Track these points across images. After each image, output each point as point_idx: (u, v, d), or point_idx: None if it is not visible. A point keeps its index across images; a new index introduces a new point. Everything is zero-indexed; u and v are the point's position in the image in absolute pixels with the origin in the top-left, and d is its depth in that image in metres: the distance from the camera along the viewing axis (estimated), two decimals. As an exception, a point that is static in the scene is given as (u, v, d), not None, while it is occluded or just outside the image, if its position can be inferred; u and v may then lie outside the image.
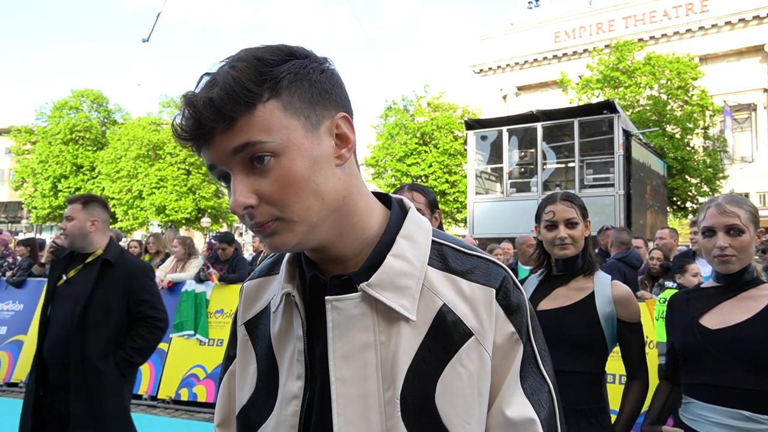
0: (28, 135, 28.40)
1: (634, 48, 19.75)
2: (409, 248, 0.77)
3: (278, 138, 0.68)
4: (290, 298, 0.80)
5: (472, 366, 0.74)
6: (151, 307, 2.71)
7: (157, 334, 2.72)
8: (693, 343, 1.72)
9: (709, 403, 1.66)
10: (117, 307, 2.64)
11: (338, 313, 0.74)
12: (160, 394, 5.59)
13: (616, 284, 1.94)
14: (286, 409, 0.78)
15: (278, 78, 0.68)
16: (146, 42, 27.74)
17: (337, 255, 0.77)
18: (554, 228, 1.96)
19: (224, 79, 0.66)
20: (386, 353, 0.73)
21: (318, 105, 0.72)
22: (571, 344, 1.85)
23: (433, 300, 0.75)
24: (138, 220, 25.73)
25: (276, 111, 0.68)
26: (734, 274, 1.73)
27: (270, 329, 0.83)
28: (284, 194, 0.69)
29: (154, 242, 7.35)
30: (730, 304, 1.72)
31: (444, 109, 23.37)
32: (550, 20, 32.16)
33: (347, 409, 0.73)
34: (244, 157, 0.68)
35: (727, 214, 1.70)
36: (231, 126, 0.67)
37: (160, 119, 26.60)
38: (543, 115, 11.91)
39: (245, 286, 0.93)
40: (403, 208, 0.83)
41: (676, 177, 18.28)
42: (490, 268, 0.79)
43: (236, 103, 0.66)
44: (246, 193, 0.69)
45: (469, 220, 12.83)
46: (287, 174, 0.69)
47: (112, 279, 2.63)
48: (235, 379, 0.88)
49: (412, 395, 0.72)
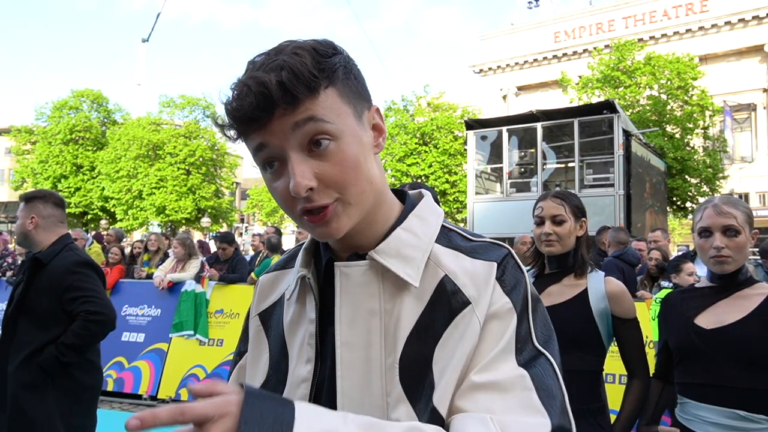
0: (28, 135, 28.37)
1: (634, 48, 19.75)
2: (419, 224, 0.81)
3: (338, 122, 0.72)
4: (305, 281, 0.83)
5: (467, 332, 0.74)
6: (84, 302, 2.44)
7: (91, 328, 2.43)
8: (688, 342, 1.73)
9: (705, 403, 1.66)
10: (47, 310, 2.41)
11: (346, 279, 0.78)
12: (160, 394, 5.59)
13: (609, 280, 1.94)
14: (294, 393, 0.79)
15: (334, 68, 0.72)
16: (146, 42, 27.80)
17: (359, 243, 0.80)
18: (542, 224, 1.99)
19: (291, 65, 0.69)
20: (389, 321, 0.76)
21: (360, 97, 0.77)
22: (567, 341, 1.84)
23: (436, 272, 0.78)
24: (138, 220, 25.71)
25: (335, 97, 0.72)
26: (729, 274, 1.74)
27: (283, 319, 0.86)
28: (346, 177, 0.72)
29: (155, 240, 7.33)
30: (725, 303, 1.73)
31: (444, 109, 23.36)
32: (550, 20, 32.16)
33: (351, 373, 0.75)
34: (304, 138, 0.70)
35: (724, 214, 1.71)
36: (296, 106, 0.69)
37: (160, 119, 26.58)
38: (543, 115, 11.90)
39: (261, 280, 0.96)
40: (420, 195, 0.88)
41: (676, 177, 18.28)
42: (495, 248, 0.81)
43: (304, 86, 0.69)
44: (308, 175, 0.70)
45: (469, 220, 12.82)
46: (347, 157, 0.72)
47: (40, 279, 2.44)
48: (246, 373, 0.90)
49: (411, 361, 0.74)
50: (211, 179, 26.92)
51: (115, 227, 14.91)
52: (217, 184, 27.15)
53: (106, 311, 2.50)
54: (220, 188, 27.54)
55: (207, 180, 26.49)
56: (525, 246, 6.01)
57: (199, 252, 6.88)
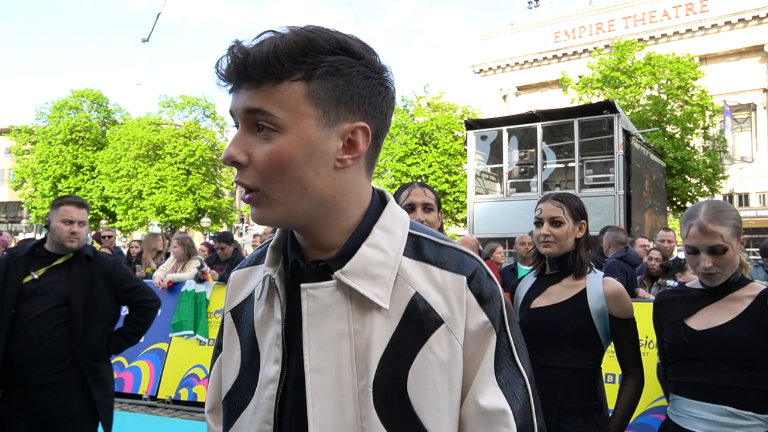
0: (28, 135, 28.39)
1: (634, 48, 19.75)
2: (385, 239, 0.78)
3: (287, 118, 0.70)
4: (272, 282, 0.80)
5: (442, 353, 0.73)
6: (140, 291, 2.82)
7: (150, 315, 2.86)
8: (679, 343, 1.77)
9: (695, 400, 1.70)
10: (104, 301, 2.68)
11: (314, 301, 0.75)
12: (160, 394, 5.59)
13: (608, 281, 1.97)
14: (263, 392, 0.78)
15: (316, 65, 0.70)
16: (146, 42, 27.79)
17: (320, 243, 0.78)
18: (541, 225, 2.02)
19: (268, 46, 0.69)
20: (360, 342, 0.74)
21: (344, 105, 0.72)
22: (565, 340, 1.88)
23: (406, 289, 0.76)
24: (138, 220, 25.71)
25: (297, 93, 0.70)
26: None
27: (254, 316, 0.84)
28: (271, 170, 0.71)
29: (152, 240, 7.33)
30: (716, 306, 1.76)
31: (444, 109, 23.37)
32: (550, 20, 32.18)
33: (322, 399, 0.73)
34: (252, 119, 0.71)
35: (709, 234, 1.70)
36: (256, 87, 0.70)
37: (159, 119, 26.59)
38: (543, 115, 11.91)
39: (232, 276, 0.94)
40: (383, 199, 0.83)
41: (676, 177, 18.29)
42: (463, 258, 0.79)
43: (266, 71, 0.69)
44: (239, 149, 0.72)
45: (469, 220, 12.83)
46: (280, 153, 0.71)
47: (94, 274, 2.67)
48: (222, 365, 0.90)
49: (385, 384, 0.72)
50: (211, 179, 26.92)
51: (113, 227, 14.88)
52: (217, 184, 27.16)
53: (158, 298, 2.91)
54: (220, 188, 27.54)
55: (207, 180, 26.50)
56: (524, 246, 6.01)
57: (200, 252, 6.88)
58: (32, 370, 2.49)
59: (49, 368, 2.49)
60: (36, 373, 2.49)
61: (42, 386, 2.49)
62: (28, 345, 2.49)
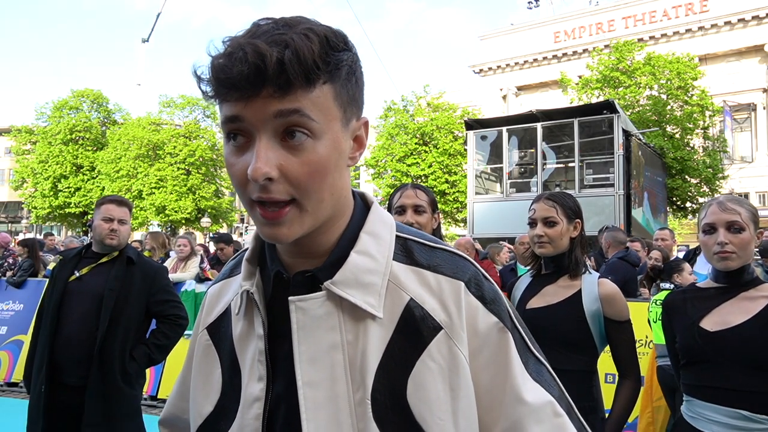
0: (28, 135, 28.39)
1: (634, 48, 19.74)
2: (373, 244, 0.74)
3: (323, 122, 0.66)
4: (250, 297, 0.76)
5: (442, 360, 0.71)
6: (174, 306, 2.74)
7: (179, 331, 2.75)
8: (693, 345, 1.74)
9: (710, 402, 1.68)
10: (136, 306, 2.63)
11: (303, 314, 0.71)
12: (160, 394, 5.59)
13: (603, 282, 1.95)
14: (248, 412, 0.73)
15: (339, 65, 0.66)
16: (146, 42, 27.79)
17: (309, 250, 0.74)
18: (534, 226, 2.00)
19: (298, 46, 0.62)
20: (354, 353, 0.70)
21: (353, 104, 0.71)
22: (559, 341, 1.87)
23: (399, 295, 0.73)
24: (138, 220, 25.70)
25: (329, 96, 0.66)
26: (734, 273, 1.75)
27: (232, 332, 0.79)
28: (310, 180, 0.66)
29: (151, 239, 7.33)
30: (730, 305, 1.73)
31: (444, 109, 23.36)
32: (550, 20, 32.16)
33: (317, 414, 0.69)
34: (281, 126, 0.64)
35: (729, 211, 1.73)
36: (287, 92, 0.63)
37: (159, 119, 26.60)
38: (543, 115, 11.91)
39: (209, 291, 0.90)
40: (366, 203, 0.80)
41: (676, 177, 18.28)
42: (457, 262, 0.76)
43: (303, 74, 0.63)
44: (272, 163, 0.64)
45: (469, 220, 12.83)
46: (319, 161, 0.66)
47: (133, 277, 2.64)
48: (191, 390, 0.84)
49: (383, 394, 0.69)
50: (211, 179, 26.92)
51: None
52: (217, 184, 27.15)
53: (189, 318, 2.80)
54: (220, 188, 27.53)
55: (207, 180, 26.50)
56: (524, 246, 6.00)
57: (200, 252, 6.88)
58: (66, 370, 2.49)
59: (80, 369, 2.46)
60: (69, 373, 2.49)
61: (74, 387, 2.47)
62: (64, 344, 2.50)
